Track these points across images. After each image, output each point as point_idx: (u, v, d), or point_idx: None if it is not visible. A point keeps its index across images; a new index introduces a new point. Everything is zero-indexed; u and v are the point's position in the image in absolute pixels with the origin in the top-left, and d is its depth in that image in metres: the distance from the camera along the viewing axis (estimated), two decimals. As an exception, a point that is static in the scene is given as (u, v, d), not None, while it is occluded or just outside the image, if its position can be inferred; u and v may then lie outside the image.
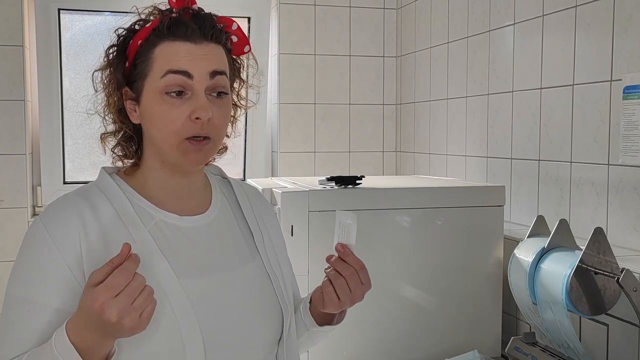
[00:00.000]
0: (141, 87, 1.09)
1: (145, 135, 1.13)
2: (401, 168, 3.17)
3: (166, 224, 1.11)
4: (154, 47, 1.08)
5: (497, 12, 2.32)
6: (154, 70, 1.07)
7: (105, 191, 1.11)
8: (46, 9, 2.80)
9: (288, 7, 3.00)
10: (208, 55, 1.08)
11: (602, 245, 1.50)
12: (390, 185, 2.02)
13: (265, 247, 1.21)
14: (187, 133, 1.07)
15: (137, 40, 1.10)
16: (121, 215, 1.08)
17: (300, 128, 3.06)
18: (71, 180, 2.90)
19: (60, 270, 1.03)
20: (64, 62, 2.85)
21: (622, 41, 1.75)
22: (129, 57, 1.11)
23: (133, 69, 1.10)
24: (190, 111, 1.06)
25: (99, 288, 0.92)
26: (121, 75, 1.11)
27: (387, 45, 3.14)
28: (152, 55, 1.08)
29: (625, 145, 1.72)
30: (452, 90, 2.65)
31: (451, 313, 1.95)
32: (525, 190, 2.18)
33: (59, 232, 1.05)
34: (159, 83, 1.07)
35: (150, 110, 1.08)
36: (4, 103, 2.68)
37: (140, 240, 1.06)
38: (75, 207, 1.07)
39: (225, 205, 1.22)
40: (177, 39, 1.07)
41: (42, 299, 1.03)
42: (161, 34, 1.08)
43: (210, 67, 1.08)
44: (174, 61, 1.06)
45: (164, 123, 1.07)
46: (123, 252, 0.94)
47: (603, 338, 1.65)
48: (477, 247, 1.97)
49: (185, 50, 1.07)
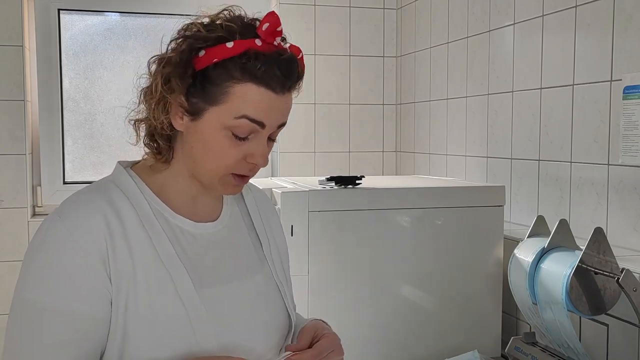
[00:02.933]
0: (204, 109, 1.04)
1: (184, 145, 1.08)
2: (401, 168, 3.17)
3: (182, 230, 1.09)
4: (234, 82, 1.02)
5: (497, 12, 2.32)
6: (228, 106, 1.02)
7: (125, 190, 1.07)
8: (46, 9, 2.80)
9: (288, 7, 3.00)
10: (284, 108, 1.07)
11: (602, 245, 1.50)
12: (390, 185, 2.02)
13: (272, 256, 1.20)
14: (237, 170, 1.07)
15: (212, 58, 1.02)
16: (142, 218, 1.05)
17: (300, 128, 3.06)
18: (71, 180, 2.89)
19: (87, 275, 1.00)
20: (64, 62, 2.85)
21: (622, 41, 1.75)
22: (194, 67, 1.03)
23: (198, 84, 1.03)
24: (248, 153, 1.05)
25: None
26: (180, 82, 1.03)
27: (387, 45, 3.14)
28: (231, 89, 1.02)
29: (625, 145, 1.72)
30: (452, 90, 2.65)
31: (451, 313, 1.95)
32: (525, 190, 2.18)
33: (84, 237, 1.00)
34: (229, 121, 1.03)
35: (208, 137, 1.04)
36: (4, 103, 2.67)
37: (159, 246, 1.05)
38: (99, 210, 1.03)
39: (235, 212, 1.20)
40: (263, 85, 1.02)
41: (75, 306, 0.99)
42: (246, 71, 1.01)
43: (282, 119, 1.07)
44: (254, 109, 1.02)
45: (218, 155, 1.05)
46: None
47: (603, 338, 1.65)
48: (477, 247, 1.97)
49: (267, 99, 1.03)
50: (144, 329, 1.01)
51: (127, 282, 1.01)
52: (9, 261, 2.62)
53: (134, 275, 1.02)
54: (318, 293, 1.82)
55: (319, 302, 1.80)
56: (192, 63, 1.03)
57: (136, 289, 1.01)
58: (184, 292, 1.03)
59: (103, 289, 1.00)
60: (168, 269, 1.03)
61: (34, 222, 2.70)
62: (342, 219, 1.85)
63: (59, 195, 2.82)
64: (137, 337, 1.01)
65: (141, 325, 1.01)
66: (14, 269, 2.61)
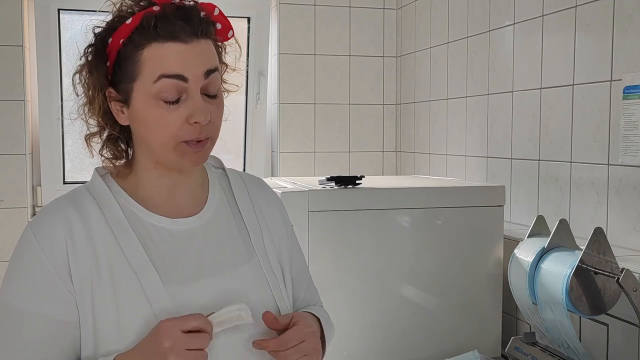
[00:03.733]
0: (130, 89, 1.04)
1: (135, 136, 1.09)
2: (401, 168, 3.17)
3: (156, 228, 1.08)
4: (141, 49, 1.02)
5: (497, 12, 2.32)
6: (145, 74, 1.02)
7: (95, 195, 1.08)
8: (46, 9, 2.80)
9: (288, 7, 3.00)
10: (200, 54, 1.03)
11: (602, 245, 1.50)
12: (390, 185, 2.03)
13: (265, 246, 1.16)
14: (186, 136, 1.04)
15: (118, 39, 1.03)
16: (109, 221, 1.05)
17: (300, 128, 3.06)
18: (71, 180, 2.89)
19: (51, 278, 1.01)
20: (64, 62, 2.85)
21: (622, 41, 1.75)
22: (109, 57, 1.05)
23: (117, 69, 1.05)
24: (188, 114, 1.02)
25: (182, 336, 0.95)
26: (103, 77, 1.05)
27: (387, 45, 3.14)
28: (140, 57, 1.02)
29: (625, 145, 1.72)
30: (452, 90, 2.65)
31: (451, 313, 1.95)
32: (525, 190, 2.18)
33: (46, 238, 1.02)
34: (151, 87, 1.02)
35: (143, 114, 1.04)
36: (4, 103, 2.67)
37: (128, 247, 1.04)
38: (62, 213, 1.05)
39: (223, 202, 1.17)
40: (166, 40, 1.01)
41: (41, 310, 1.01)
42: (147, 34, 1.02)
43: (204, 66, 1.03)
44: (167, 65, 1.01)
45: (159, 127, 1.03)
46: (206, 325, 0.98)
47: (603, 338, 1.65)
48: (477, 247, 1.97)
49: (176, 51, 1.01)
50: (112, 330, 1.01)
51: (91, 284, 1.01)
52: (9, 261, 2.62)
53: (98, 277, 1.02)
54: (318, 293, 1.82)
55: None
56: (105, 54, 1.05)
57: (102, 291, 1.01)
58: (151, 291, 1.02)
59: (66, 292, 1.01)
60: (135, 268, 1.03)
61: (34, 222, 2.70)
62: (342, 219, 1.85)
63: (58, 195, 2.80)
64: (106, 339, 1.01)
65: (109, 326, 1.01)
66: (14, 269, 2.61)
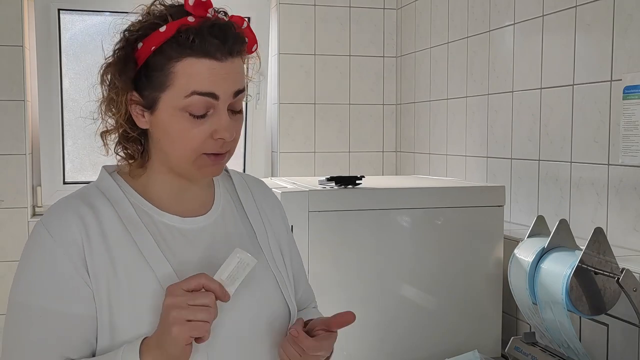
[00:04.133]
0: (156, 98, 1.05)
1: (153, 141, 1.10)
2: (401, 168, 3.17)
3: (167, 226, 1.10)
4: (174, 61, 1.02)
5: (497, 12, 2.32)
6: (176, 87, 1.02)
7: (107, 193, 1.09)
8: (46, 9, 2.80)
9: (288, 7, 3.00)
10: (232, 74, 1.05)
11: (602, 245, 1.50)
12: (390, 185, 2.03)
13: (270, 245, 1.20)
14: (207, 150, 1.05)
15: (150, 46, 1.03)
16: (122, 217, 1.07)
17: (300, 128, 3.05)
18: (71, 180, 2.89)
19: (69, 273, 1.02)
20: (64, 62, 2.85)
21: (622, 41, 1.75)
22: (137, 61, 1.06)
23: (144, 76, 1.05)
24: (213, 130, 1.04)
25: (185, 293, 0.95)
26: (129, 80, 1.06)
27: (387, 45, 3.14)
28: (173, 69, 1.02)
29: (625, 145, 1.72)
30: (452, 90, 2.65)
31: (451, 313, 1.95)
32: (525, 190, 2.18)
33: (61, 234, 1.03)
34: (181, 101, 1.02)
35: (167, 125, 1.05)
36: (4, 103, 2.68)
37: (142, 243, 1.06)
38: (76, 210, 1.05)
39: (228, 203, 1.20)
40: (201, 56, 1.02)
41: (59, 305, 1.01)
42: (182, 47, 1.02)
43: (235, 86, 1.05)
44: (200, 82, 1.02)
45: (182, 139, 1.04)
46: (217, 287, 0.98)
47: (603, 338, 1.65)
48: (477, 247, 1.97)
49: (209, 69, 1.02)
50: (130, 322, 1.02)
51: (107, 278, 1.03)
52: (9, 261, 2.62)
53: (113, 271, 1.03)
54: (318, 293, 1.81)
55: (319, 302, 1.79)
56: (133, 57, 1.05)
57: (118, 285, 1.03)
58: (168, 285, 1.03)
59: (84, 286, 1.02)
60: (152, 265, 1.04)
61: (34, 222, 2.69)
62: (342, 219, 1.85)
63: (59, 195, 2.80)
64: (124, 331, 1.02)
65: (127, 319, 1.02)
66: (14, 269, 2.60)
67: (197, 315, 0.94)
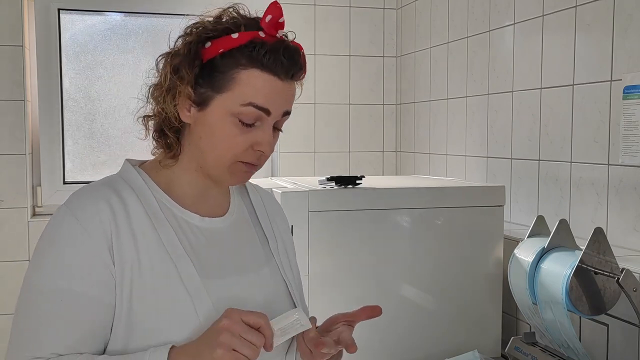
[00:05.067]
0: (210, 97, 1.07)
1: (192, 137, 1.11)
2: (401, 168, 3.17)
3: (188, 224, 1.11)
4: (241, 68, 1.05)
5: (497, 12, 2.32)
6: (235, 93, 1.05)
7: (132, 184, 1.10)
8: (46, 9, 2.80)
9: (288, 7, 2.98)
10: (288, 95, 1.09)
11: (602, 245, 1.50)
12: (390, 185, 2.02)
13: (279, 252, 1.22)
14: (245, 159, 1.08)
15: (218, 48, 1.06)
16: (148, 210, 1.08)
17: (300, 128, 3.06)
18: (71, 180, 2.89)
19: (94, 260, 1.02)
20: (64, 62, 2.85)
21: (622, 41, 1.75)
22: (202, 58, 1.07)
23: (205, 74, 1.07)
24: (255, 141, 1.07)
25: (241, 322, 0.97)
26: (190, 74, 1.07)
27: (387, 45, 3.14)
28: (236, 75, 1.05)
29: (625, 145, 1.72)
30: (452, 90, 2.65)
31: (451, 313, 1.95)
32: (525, 190, 2.18)
33: (90, 221, 1.03)
34: (235, 108, 1.05)
35: (214, 126, 1.07)
36: (4, 103, 2.67)
37: (165, 237, 1.06)
38: (105, 197, 1.06)
39: (242, 209, 1.22)
40: (267, 72, 1.05)
41: (86, 290, 1.02)
42: (252, 57, 1.05)
43: (286, 107, 1.10)
44: (260, 95, 1.05)
45: (225, 144, 1.07)
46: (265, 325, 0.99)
47: (603, 338, 1.65)
48: (477, 247, 1.97)
49: (272, 86, 1.06)
50: (149, 316, 1.03)
51: (131, 268, 1.03)
52: (9, 261, 2.62)
53: (138, 262, 1.04)
54: (318, 293, 1.82)
55: (319, 302, 1.80)
56: (199, 54, 1.07)
57: (141, 276, 1.03)
58: (190, 283, 1.05)
59: (108, 274, 1.03)
60: (174, 259, 1.05)
61: (34, 222, 2.70)
62: (342, 219, 1.85)
63: (59, 195, 2.82)
64: (142, 324, 1.03)
65: (146, 312, 1.03)
66: (14, 269, 2.61)
67: (244, 350, 0.96)
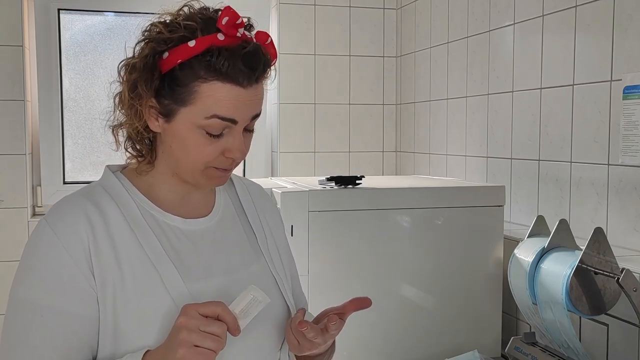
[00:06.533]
0: (175, 111, 1.04)
1: (164, 145, 1.10)
2: (401, 168, 3.17)
3: (170, 227, 1.10)
4: (200, 81, 1.01)
5: (497, 12, 2.32)
6: (197, 107, 1.02)
7: (111, 192, 1.09)
8: (46, 9, 2.80)
9: (288, 7, 3.00)
10: (254, 100, 1.06)
11: (602, 245, 1.50)
12: (390, 185, 2.03)
13: (269, 248, 1.21)
14: (217, 165, 1.07)
15: (176, 59, 1.02)
16: (127, 217, 1.07)
17: (300, 128, 3.05)
18: (71, 180, 2.89)
19: (72, 273, 1.01)
20: (64, 62, 2.85)
21: (622, 41, 1.75)
22: (160, 70, 1.04)
23: (166, 86, 1.04)
24: (225, 149, 1.06)
25: (199, 316, 0.94)
26: (150, 87, 1.04)
27: (387, 45, 3.14)
28: (197, 89, 1.02)
29: (625, 145, 1.72)
30: (452, 90, 2.65)
31: (451, 313, 1.95)
32: (525, 190, 2.18)
33: (67, 235, 1.02)
34: (200, 121, 1.03)
35: (183, 137, 1.05)
36: (4, 103, 2.67)
37: (146, 243, 1.06)
38: (81, 209, 1.05)
39: (228, 205, 1.21)
40: (228, 82, 1.02)
41: (61, 304, 1.01)
42: (210, 68, 1.01)
43: (254, 111, 1.07)
44: (223, 107, 1.02)
45: (195, 153, 1.06)
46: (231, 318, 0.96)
47: (603, 338, 1.65)
48: (477, 247, 1.97)
49: (234, 95, 1.02)
50: (135, 325, 1.02)
51: (113, 279, 1.02)
52: (9, 261, 2.62)
53: (119, 271, 1.03)
54: (318, 293, 1.82)
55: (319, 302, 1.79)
56: (157, 66, 1.04)
57: (123, 286, 1.02)
58: (173, 288, 1.04)
59: (88, 287, 1.02)
60: (156, 265, 1.04)
61: (34, 222, 2.70)
62: (342, 219, 1.85)
63: (59, 195, 2.81)
64: (128, 334, 1.02)
65: (132, 321, 1.02)
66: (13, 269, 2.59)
67: (205, 343, 0.93)
